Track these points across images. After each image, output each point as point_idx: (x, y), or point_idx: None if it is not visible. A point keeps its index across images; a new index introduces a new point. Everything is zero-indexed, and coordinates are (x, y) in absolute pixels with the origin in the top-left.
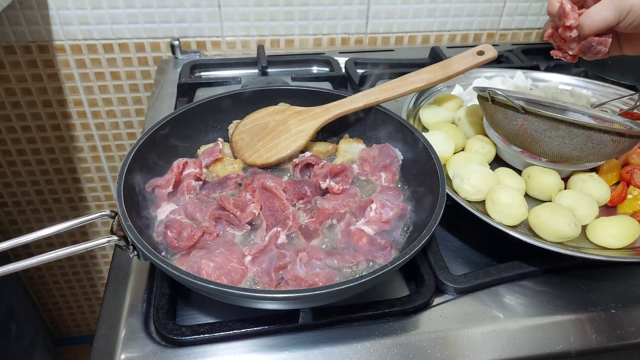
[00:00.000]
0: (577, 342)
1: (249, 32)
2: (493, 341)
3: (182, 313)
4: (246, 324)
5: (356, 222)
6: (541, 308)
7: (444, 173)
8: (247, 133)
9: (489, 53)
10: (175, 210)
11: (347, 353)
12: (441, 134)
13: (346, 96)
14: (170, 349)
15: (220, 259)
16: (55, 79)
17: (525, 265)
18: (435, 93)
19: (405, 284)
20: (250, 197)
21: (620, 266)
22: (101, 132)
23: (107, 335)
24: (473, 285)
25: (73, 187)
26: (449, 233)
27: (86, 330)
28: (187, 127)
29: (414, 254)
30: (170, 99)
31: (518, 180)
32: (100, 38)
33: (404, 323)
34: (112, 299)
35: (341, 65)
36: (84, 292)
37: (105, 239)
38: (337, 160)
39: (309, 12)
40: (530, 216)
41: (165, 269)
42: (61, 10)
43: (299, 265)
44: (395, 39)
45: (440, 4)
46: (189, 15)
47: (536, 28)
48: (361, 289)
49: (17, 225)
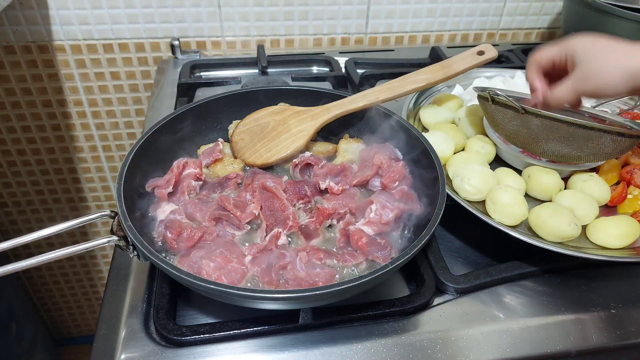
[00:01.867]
0: (577, 342)
1: (249, 32)
2: (493, 341)
3: (182, 313)
4: (246, 324)
5: (356, 223)
6: (541, 308)
7: (444, 173)
8: (247, 133)
9: (489, 53)
10: (175, 211)
11: (347, 353)
12: (441, 134)
13: (346, 96)
14: (170, 349)
15: (220, 259)
16: (55, 79)
17: (525, 265)
18: (435, 93)
19: (405, 284)
20: (250, 197)
21: (620, 266)
22: (101, 132)
23: (107, 335)
24: (473, 285)
25: (73, 187)
26: (449, 233)
27: (86, 330)
28: (187, 127)
29: (414, 254)
30: (170, 99)
31: (518, 180)
32: (100, 38)
33: (404, 323)
34: (112, 299)
35: (341, 65)
36: (84, 292)
37: (105, 239)
38: (337, 160)
39: (309, 12)
40: (530, 216)
41: (165, 269)
42: (61, 10)
43: (299, 265)
44: (395, 39)
45: (440, 4)
46: (189, 15)
47: (536, 28)
48: (361, 289)
49: (17, 225)
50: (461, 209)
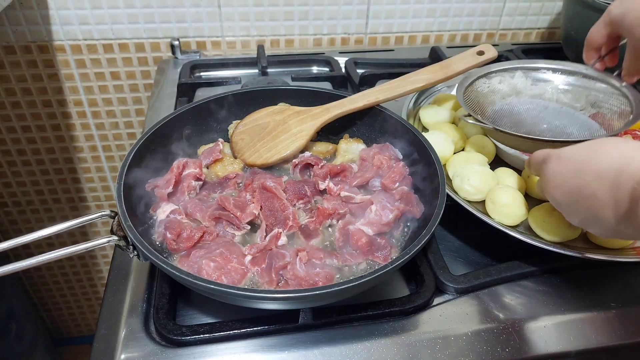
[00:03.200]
0: (577, 342)
1: (249, 32)
2: (493, 341)
3: (182, 313)
4: (246, 324)
5: (355, 223)
6: (541, 308)
7: (444, 173)
8: (247, 133)
9: (489, 53)
10: (175, 211)
11: (347, 353)
12: (441, 134)
13: (346, 96)
14: (170, 349)
15: (220, 259)
16: (55, 79)
17: (525, 265)
18: (435, 93)
19: (405, 284)
20: (250, 197)
21: (620, 266)
22: (101, 132)
23: (107, 335)
24: (473, 285)
25: (73, 187)
26: (449, 233)
27: (86, 330)
28: (186, 127)
29: (414, 254)
30: (170, 99)
31: (518, 180)
32: (100, 38)
33: (404, 323)
34: (112, 299)
35: (341, 65)
36: (84, 292)
37: (105, 239)
38: (337, 160)
39: (309, 12)
40: (530, 216)
41: (165, 269)
42: (61, 10)
43: (299, 265)
44: (395, 39)
45: (440, 4)
46: (189, 15)
47: (536, 28)
48: (361, 289)
49: (17, 225)
50: (461, 209)
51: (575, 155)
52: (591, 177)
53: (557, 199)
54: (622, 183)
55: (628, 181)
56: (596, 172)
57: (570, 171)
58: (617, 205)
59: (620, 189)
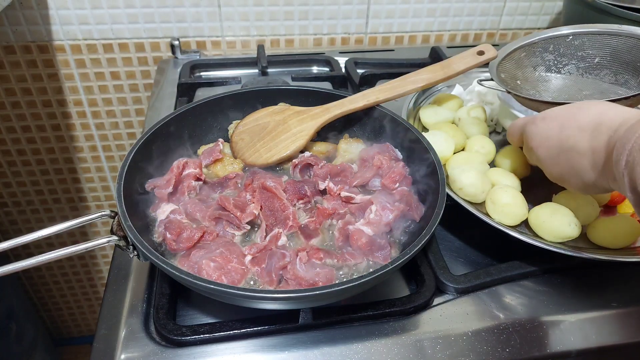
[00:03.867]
0: (577, 342)
1: (249, 32)
2: (493, 341)
3: (182, 313)
4: (246, 324)
5: (355, 223)
6: (541, 308)
7: (444, 173)
8: (247, 133)
9: (489, 53)
10: (175, 211)
11: (347, 353)
12: (441, 134)
13: (346, 96)
14: (170, 349)
15: (220, 259)
16: (55, 79)
17: (525, 265)
18: (435, 93)
19: (405, 284)
20: (250, 197)
21: (620, 266)
22: (101, 132)
23: (107, 335)
24: (473, 285)
25: (73, 187)
26: (449, 233)
27: (86, 330)
28: (186, 127)
29: (414, 254)
30: (170, 99)
31: (518, 180)
32: (100, 38)
33: (404, 323)
34: (112, 299)
35: (341, 65)
36: (84, 292)
37: (105, 239)
38: (337, 160)
39: (309, 12)
40: (530, 216)
41: (165, 269)
42: (61, 10)
43: (298, 265)
44: (395, 39)
45: (440, 3)
46: (189, 15)
47: (536, 28)
48: (361, 289)
49: (17, 225)
50: (461, 209)
51: (559, 114)
52: (573, 131)
53: (540, 156)
54: (600, 133)
55: (605, 131)
56: (577, 126)
57: (555, 128)
58: (594, 154)
59: (597, 139)
